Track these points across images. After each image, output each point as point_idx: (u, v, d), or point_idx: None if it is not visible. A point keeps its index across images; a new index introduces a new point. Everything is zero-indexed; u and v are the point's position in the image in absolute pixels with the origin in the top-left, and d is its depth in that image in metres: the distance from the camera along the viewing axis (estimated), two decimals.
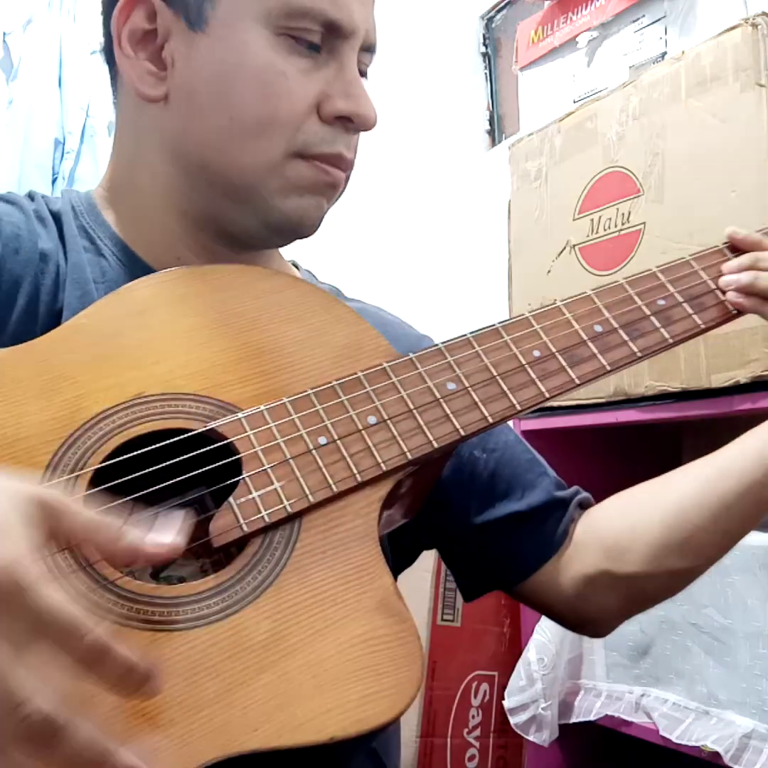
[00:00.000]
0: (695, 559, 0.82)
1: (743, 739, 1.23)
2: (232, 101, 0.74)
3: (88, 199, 0.82)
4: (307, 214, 0.78)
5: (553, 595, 0.86)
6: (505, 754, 1.78)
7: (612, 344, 0.72)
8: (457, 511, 0.85)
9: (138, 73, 0.76)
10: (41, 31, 2.21)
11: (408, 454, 0.64)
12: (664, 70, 1.37)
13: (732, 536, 0.82)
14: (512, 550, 0.86)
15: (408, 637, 0.58)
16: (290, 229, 0.79)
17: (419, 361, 0.69)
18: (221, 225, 0.78)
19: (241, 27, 0.73)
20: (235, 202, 0.77)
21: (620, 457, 1.63)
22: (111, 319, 0.67)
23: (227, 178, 0.76)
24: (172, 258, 0.79)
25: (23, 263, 0.74)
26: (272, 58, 0.73)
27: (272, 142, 0.74)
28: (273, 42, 0.73)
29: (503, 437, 0.89)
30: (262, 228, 0.78)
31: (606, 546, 0.84)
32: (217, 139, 0.75)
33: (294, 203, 0.76)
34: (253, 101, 0.73)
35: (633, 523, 0.83)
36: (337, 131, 0.76)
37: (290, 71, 0.73)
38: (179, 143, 0.76)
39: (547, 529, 0.85)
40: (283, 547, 0.59)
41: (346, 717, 0.53)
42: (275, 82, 0.73)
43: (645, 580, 0.83)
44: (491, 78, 2.57)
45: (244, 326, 0.69)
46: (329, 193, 0.79)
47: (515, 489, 0.86)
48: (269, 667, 0.54)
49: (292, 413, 0.64)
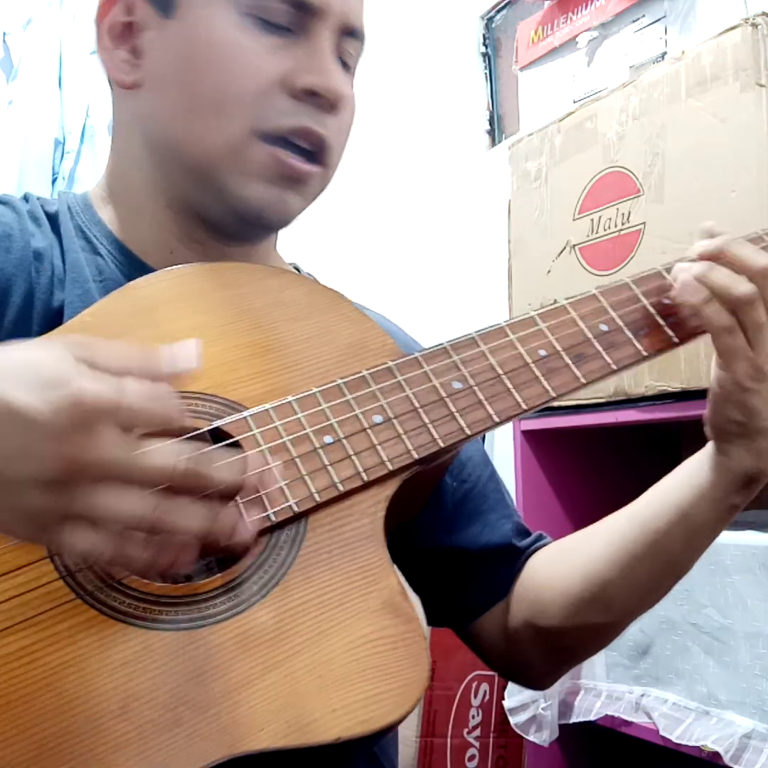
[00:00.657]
0: (611, 614, 0.81)
1: (743, 739, 1.23)
2: (193, 80, 0.74)
3: (84, 200, 0.82)
4: (270, 206, 0.75)
5: (488, 645, 0.86)
6: (505, 754, 1.78)
7: (618, 343, 0.72)
8: (415, 528, 0.83)
9: (114, 62, 0.78)
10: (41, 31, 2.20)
11: (414, 452, 0.64)
12: (664, 70, 1.37)
13: (649, 589, 0.80)
14: (460, 589, 0.85)
15: (414, 638, 0.58)
16: (254, 219, 0.77)
17: (425, 360, 0.69)
18: (198, 213, 0.78)
19: (207, 9, 0.74)
20: (202, 186, 0.76)
21: (620, 457, 1.64)
22: (116, 316, 0.67)
23: (192, 160, 0.75)
24: (165, 252, 0.79)
25: (15, 262, 0.74)
26: (235, 36, 0.73)
27: (232, 119, 0.73)
28: (238, 21, 0.73)
29: (479, 472, 0.88)
30: (229, 215, 0.77)
31: (530, 599, 0.83)
32: (181, 120, 0.75)
33: (254, 191, 0.75)
34: (213, 78, 0.73)
35: (555, 575, 0.82)
36: (304, 106, 0.74)
37: (254, 48, 0.73)
38: (152, 129, 0.78)
39: (494, 576, 0.85)
40: (289, 546, 0.59)
41: (352, 717, 0.53)
42: (235, 59, 0.73)
43: (566, 635, 0.82)
44: (491, 78, 2.57)
45: (250, 324, 0.69)
46: (297, 188, 0.76)
47: (474, 525, 0.86)
48: (275, 666, 0.54)
49: (297, 412, 0.64)
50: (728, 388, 0.71)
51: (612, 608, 0.80)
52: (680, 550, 0.77)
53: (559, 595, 0.81)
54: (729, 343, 0.70)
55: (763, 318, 0.71)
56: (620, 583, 0.78)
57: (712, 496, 0.74)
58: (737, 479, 0.73)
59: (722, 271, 0.72)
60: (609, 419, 1.47)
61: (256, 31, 0.73)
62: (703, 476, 0.75)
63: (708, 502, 0.75)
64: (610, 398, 1.45)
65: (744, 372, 0.70)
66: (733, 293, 0.70)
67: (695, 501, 0.75)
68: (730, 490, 0.74)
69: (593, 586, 0.79)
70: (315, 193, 0.79)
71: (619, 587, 0.78)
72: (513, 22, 2.39)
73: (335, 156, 0.79)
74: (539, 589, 0.83)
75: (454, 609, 0.86)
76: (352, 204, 2.38)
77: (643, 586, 0.79)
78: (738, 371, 0.70)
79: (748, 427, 0.72)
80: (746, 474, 0.73)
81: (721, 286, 0.71)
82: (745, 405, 0.71)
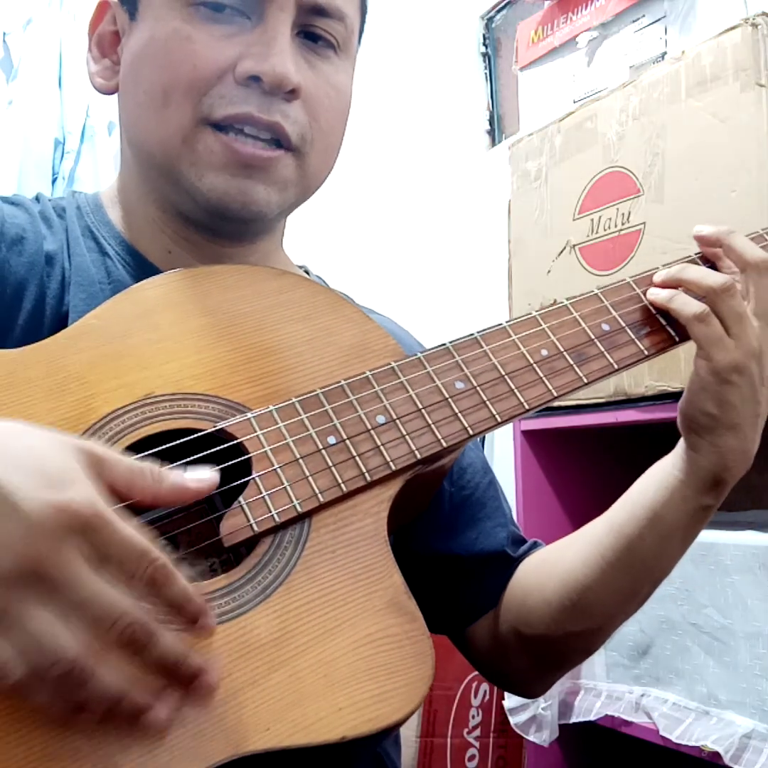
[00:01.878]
0: (592, 621, 0.80)
1: (743, 739, 1.23)
2: (146, 77, 0.74)
3: (95, 200, 0.83)
4: (229, 196, 0.73)
5: (479, 652, 0.86)
6: (505, 754, 1.78)
7: (620, 343, 0.72)
8: (411, 533, 0.83)
9: (98, 70, 0.80)
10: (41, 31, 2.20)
11: (417, 453, 0.64)
12: (664, 70, 1.37)
13: (627, 595, 0.79)
14: (452, 595, 0.85)
15: (418, 636, 0.58)
16: (219, 212, 0.74)
17: (427, 361, 0.69)
18: (179, 212, 0.78)
19: (160, 6, 0.74)
20: (169, 182, 0.76)
21: (620, 457, 1.63)
22: (120, 319, 0.67)
23: (155, 156, 0.76)
24: (163, 252, 0.79)
25: (28, 266, 0.74)
26: (179, 26, 0.73)
27: (179, 109, 0.73)
28: (185, 13, 0.73)
29: (478, 479, 0.88)
30: (199, 210, 0.76)
31: (516, 607, 0.83)
32: (139, 116, 0.76)
33: (209, 182, 0.73)
34: (158, 70, 0.73)
35: (539, 583, 0.82)
36: (249, 93, 0.72)
37: (199, 37, 0.72)
38: (126, 129, 0.79)
39: (486, 584, 0.85)
40: (293, 546, 0.59)
41: (357, 716, 0.54)
42: (178, 49, 0.72)
43: (551, 643, 0.82)
44: (491, 78, 2.57)
45: (253, 326, 0.69)
46: (257, 175, 0.73)
47: (470, 532, 0.86)
48: (280, 666, 0.55)
49: (301, 413, 0.64)
50: (706, 378, 0.71)
51: (593, 615, 0.80)
52: (654, 555, 0.77)
53: (541, 603, 0.81)
54: (703, 332, 0.71)
55: (742, 307, 0.71)
56: (599, 590, 0.78)
57: (682, 495, 0.74)
58: (706, 477, 0.73)
59: (693, 267, 0.74)
60: (609, 419, 1.47)
61: (206, 21, 0.73)
62: (674, 474, 0.75)
63: (678, 502, 0.74)
64: (610, 398, 1.45)
65: (725, 363, 0.70)
66: (704, 283, 0.71)
67: (666, 501, 0.74)
68: (700, 489, 0.74)
69: (573, 594, 0.78)
70: (288, 181, 0.76)
71: (597, 594, 0.78)
72: (513, 22, 2.39)
73: (309, 143, 0.76)
74: (524, 598, 0.83)
75: (446, 615, 0.86)
76: (352, 204, 2.38)
77: (622, 592, 0.79)
78: (719, 361, 0.70)
79: (719, 422, 0.71)
80: (713, 472, 0.73)
81: (691, 279, 0.72)
82: (721, 398, 0.71)
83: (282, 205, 0.76)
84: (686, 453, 0.74)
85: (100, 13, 0.80)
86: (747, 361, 0.70)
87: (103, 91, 0.79)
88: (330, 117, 0.77)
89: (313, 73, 0.75)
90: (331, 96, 0.77)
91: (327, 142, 0.78)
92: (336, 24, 0.76)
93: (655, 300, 0.74)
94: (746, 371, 0.70)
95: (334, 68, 0.77)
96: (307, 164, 0.76)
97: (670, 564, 0.78)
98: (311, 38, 0.76)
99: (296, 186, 0.77)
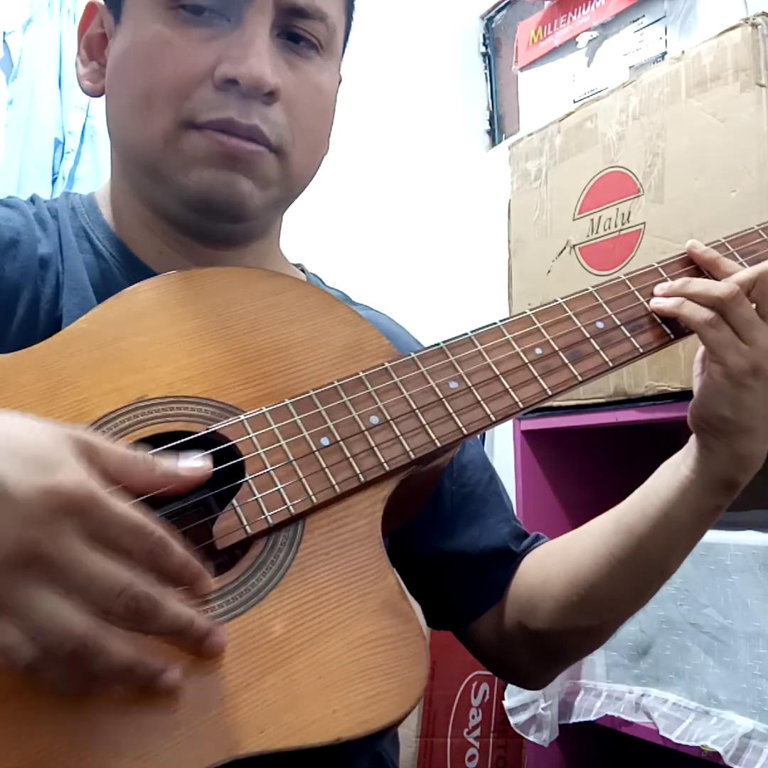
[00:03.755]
0: (599, 618, 0.81)
1: (743, 739, 1.23)
2: (127, 79, 0.75)
3: (90, 200, 0.83)
4: (213, 188, 0.73)
5: (484, 646, 0.86)
6: (505, 754, 1.78)
7: (614, 340, 0.72)
8: (414, 531, 0.84)
9: (86, 73, 0.80)
10: (41, 31, 2.20)
11: (411, 453, 0.64)
12: (664, 70, 1.37)
13: (635, 592, 0.80)
14: (457, 592, 0.86)
15: (413, 637, 0.58)
16: (203, 207, 0.74)
17: (421, 361, 0.69)
18: (165, 213, 0.77)
19: (141, 10, 0.74)
20: (154, 183, 0.76)
21: (620, 457, 1.63)
22: (112, 323, 0.66)
23: (138, 157, 0.76)
24: (155, 252, 0.79)
25: (21, 270, 0.74)
26: (159, 30, 0.72)
27: (161, 112, 0.73)
28: (164, 16, 0.73)
29: (479, 475, 0.88)
30: (184, 209, 0.75)
31: (521, 601, 0.83)
32: (122, 119, 0.76)
33: (196, 177, 0.73)
34: (139, 74, 0.74)
35: (545, 578, 0.82)
36: (229, 96, 0.72)
37: (178, 41, 0.72)
38: (112, 130, 0.79)
39: (491, 580, 0.85)
40: (287, 548, 0.59)
41: (352, 718, 0.53)
42: (158, 53, 0.72)
43: (556, 637, 0.82)
44: (491, 78, 2.58)
45: (245, 328, 0.69)
46: (241, 168, 0.73)
47: (473, 528, 0.86)
48: (275, 668, 0.54)
49: (294, 414, 0.64)
50: (721, 382, 0.71)
51: (600, 611, 0.80)
52: (664, 554, 0.77)
53: (548, 598, 0.81)
54: (715, 337, 0.70)
55: (751, 312, 0.71)
56: (607, 587, 0.78)
57: (695, 495, 0.74)
58: (720, 477, 0.73)
59: (696, 280, 0.73)
60: (609, 419, 1.47)
61: (185, 24, 0.72)
62: (686, 474, 0.74)
63: (691, 502, 0.74)
64: (609, 398, 1.45)
65: (740, 367, 0.70)
66: (711, 295, 0.71)
67: (678, 500, 0.74)
68: (713, 489, 0.74)
69: (581, 590, 0.79)
70: (271, 180, 0.75)
71: (605, 591, 0.78)
72: (513, 22, 2.39)
73: (291, 143, 0.75)
74: (529, 592, 0.83)
75: (451, 612, 0.87)
76: (352, 204, 2.38)
77: (629, 589, 0.79)
78: (733, 366, 0.70)
79: (734, 424, 0.71)
80: (727, 472, 0.73)
81: (697, 293, 0.72)
82: (737, 401, 0.71)
83: (265, 201, 0.76)
84: (700, 453, 0.74)
85: (89, 15, 0.80)
86: (764, 363, 0.70)
87: (91, 93, 0.80)
88: (311, 118, 0.77)
89: (294, 74, 0.75)
90: (313, 96, 0.76)
91: (309, 141, 0.78)
92: (316, 24, 0.75)
93: (662, 308, 0.73)
94: (762, 374, 0.70)
95: (317, 68, 0.77)
96: (290, 164, 0.76)
97: (677, 562, 0.79)
98: (293, 39, 0.75)
99: (279, 185, 0.76)
